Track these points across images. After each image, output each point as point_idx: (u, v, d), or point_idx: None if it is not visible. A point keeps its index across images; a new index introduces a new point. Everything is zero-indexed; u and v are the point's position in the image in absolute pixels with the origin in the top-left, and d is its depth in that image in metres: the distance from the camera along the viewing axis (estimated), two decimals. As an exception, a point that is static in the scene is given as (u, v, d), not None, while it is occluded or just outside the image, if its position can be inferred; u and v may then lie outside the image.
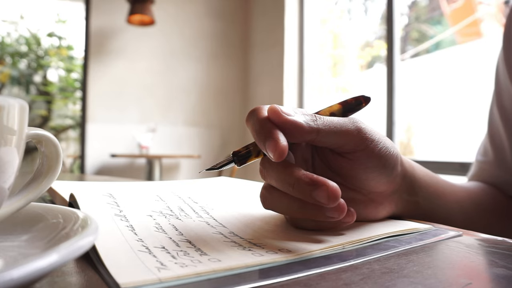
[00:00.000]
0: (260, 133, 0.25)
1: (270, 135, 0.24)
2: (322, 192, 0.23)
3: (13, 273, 0.12)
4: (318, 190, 0.23)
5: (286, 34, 2.81)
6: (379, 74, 2.32)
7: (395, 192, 0.31)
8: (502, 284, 0.19)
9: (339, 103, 0.29)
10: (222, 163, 0.28)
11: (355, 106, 0.29)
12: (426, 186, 0.35)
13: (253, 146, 0.28)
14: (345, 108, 0.29)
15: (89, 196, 0.32)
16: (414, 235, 0.28)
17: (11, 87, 4.31)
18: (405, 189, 0.32)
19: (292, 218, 0.28)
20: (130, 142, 2.95)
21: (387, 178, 0.30)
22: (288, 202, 0.26)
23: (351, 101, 0.29)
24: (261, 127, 0.25)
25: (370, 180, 0.29)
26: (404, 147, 2.32)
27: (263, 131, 0.25)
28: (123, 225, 0.25)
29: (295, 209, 0.26)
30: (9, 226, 0.22)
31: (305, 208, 0.25)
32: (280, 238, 0.25)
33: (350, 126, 0.27)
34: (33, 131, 0.22)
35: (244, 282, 0.18)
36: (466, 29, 2.20)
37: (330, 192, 0.23)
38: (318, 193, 0.23)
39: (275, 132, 0.25)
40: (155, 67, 3.05)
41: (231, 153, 0.28)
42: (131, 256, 0.20)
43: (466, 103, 1.97)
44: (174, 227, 0.26)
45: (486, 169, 0.50)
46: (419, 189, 0.34)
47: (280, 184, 0.26)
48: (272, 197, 0.27)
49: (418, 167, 0.35)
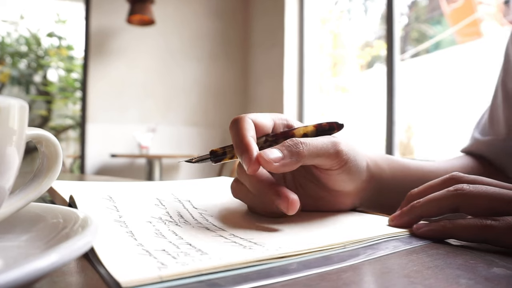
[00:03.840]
0: (238, 147, 0.29)
1: (247, 151, 0.28)
2: (284, 203, 0.28)
3: (13, 273, 0.12)
4: (281, 200, 0.28)
5: (286, 34, 2.80)
6: (379, 74, 2.32)
7: (360, 191, 0.35)
8: (502, 284, 0.19)
9: (313, 125, 0.33)
10: (199, 158, 0.33)
11: (327, 131, 0.33)
12: (392, 184, 0.39)
13: (230, 149, 0.32)
14: (318, 131, 0.33)
15: (89, 199, 0.32)
16: (413, 235, 0.28)
17: (11, 87, 4.31)
18: (370, 189, 0.37)
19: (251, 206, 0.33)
20: (130, 142, 2.95)
21: (354, 185, 0.34)
22: (253, 197, 0.32)
23: (325, 125, 0.33)
24: (240, 141, 0.29)
25: (338, 186, 0.33)
26: (404, 147, 2.33)
27: (241, 145, 0.29)
28: (123, 231, 0.25)
29: (257, 204, 0.32)
30: (9, 226, 0.22)
31: (264, 204, 0.30)
32: (282, 238, 0.25)
33: (331, 150, 0.30)
34: (33, 131, 0.22)
35: (244, 282, 0.18)
36: (466, 29, 2.20)
37: (290, 204, 0.27)
38: (280, 202, 0.28)
39: (251, 150, 0.28)
40: (155, 67, 3.05)
41: (209, 150, 0.32)
42: (131, 257, 0.20)
43: (466, 103, 1.97)
44: (174, 232, 0.26)
45: (481, 146, 0.52)
46: (384, 186, 0.38)
47: (251, 188, 0.31)
48: (241, 190, 0.33)
49: (387, 169, 0.39)
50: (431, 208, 0.29)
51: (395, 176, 0.39)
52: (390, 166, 0.39)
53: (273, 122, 0.33)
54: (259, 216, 0.32)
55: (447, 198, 0.28)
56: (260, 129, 0.32)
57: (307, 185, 0.35)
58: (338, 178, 0.33)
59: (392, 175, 0.39)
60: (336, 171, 0.32)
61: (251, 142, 0.29)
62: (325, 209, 0.35)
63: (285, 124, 0.34)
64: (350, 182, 0.33)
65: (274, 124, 0.33)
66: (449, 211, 0.28)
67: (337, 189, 0.34)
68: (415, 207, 0.29)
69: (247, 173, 0.28)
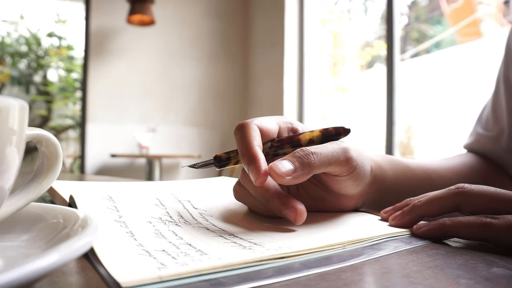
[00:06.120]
0: (244, 156, 0.28)
1: (254, 162, 0.28)
2: (292, 213, 0.27)
3: (13, 273, 0.12)
4: (288, 211, 0.27)
5: (286, 34, 2.80)
6: (379, 74, 2.32)
7: (363, 194, 0.36)
8: (502, 284, 0.19)
9: (320, 130, 0.32)
10: (203, 164, 0.32)
11: (334, 136, 0.32)
12: (394, 185, 0.39)
13: (234, 154, 0.31)
14: (324, 136, 0.32)
15: (89, 199, 0.32)
16: (414, 235, 0.28)
17: (11, 87, 4.30)
18: (373, 191, 0.37)
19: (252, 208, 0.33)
20: (130, 142, 2.95)
21: (358, 189, 0.34)
22: (255, 201, 0.31)
23: (331, 130, 0.32)
24: (246, 150, 0.28)
25: (343, 191, 0.33)
26: (404, 147, 2.33)
27: (247, 154, 0.28)
28: (123, 231, 0.25)
29: (261, 208, 0.31)
30: (9, 226, 0.22)
31: (268, 208, 0.30)
32: (282, 238, 0.25)
33: (341, 157, 0.30)
34: (33, 131, 0.22)
35: (244, 282, 0.18)
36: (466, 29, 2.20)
37: (297, 215, 0.27)
38: (288, 213, 0.27)
39: (258, 161, 0.28)
40: (155, 67, 3.05)
41: (213, 155, 0.31)
42: (131, 257, 0.20)
43: (466, 103, 1.97)
44: (174, 233, 0.26)
45: (483, 142, 0.52)
46: (386, 188, 0.38)
47: (257, 195, 0.30)
48: (244, 194, 0.32)
49: (390, 170, 0.39)
50: (432, 207, 0.29)
51: (398, 178, 0.39)
52: (392, 168, 0.39)
53: (278, 126, 0.33)
54: (260, 217, 0.32)
55: (448, 197, 0.28)
56: (265, 135, 0.31)
57: (310, 187, 0.34)
58: (344, 184, 0.32)
59: (395, 177, 0.39)
60: (344, 177, 0.32)
61: (258, 152, 0.28)
62: (326, 209, 0.35)
63: (290, 128, 0.34)
64: (355, 186, 0.33)
65: (279, 128, 0.33)
66: (450, 210, 0.28)
67: (342, 193, 0.34)
68: (416, 206, 0.29)
69: (254, 184, 0.28)
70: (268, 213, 0.31)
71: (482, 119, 0.54)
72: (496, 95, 0.52)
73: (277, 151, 0.32)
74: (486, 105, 0.54)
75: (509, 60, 0.50)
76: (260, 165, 0.27)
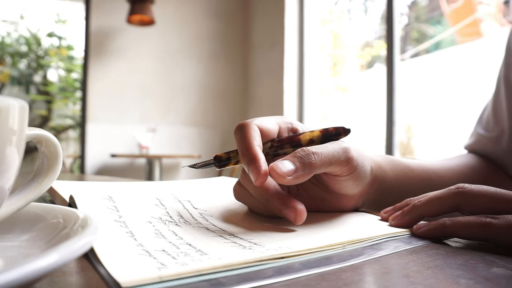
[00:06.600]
0: (244, 156, 0.29)
1: (254, 162, 0.28)
2: (292, 213, 0.27)
3: (13, 273, 0.12)
4: (288, 211, 0.27)
5: (286, 34, 2.80)
6: (379, 74, 2.32)
7: (363, 195, 0.36)
8: (502, 284, 0.19)
9: (320, 130, 0.32)
10: (203, 164, 0.32)
11: (334, 136, 0.32)
12: (394, 185, 0.39)
13: (235, 154, 0.31)
14: (324, 136, 0.32)
15: (89, 199, 0.32)
16: (414, 235, 0.28)
17: (11, 87, 4.30)
18: (373, 191, 0.37)
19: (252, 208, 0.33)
20: (130, 142, 2.95)
21: (358, 189, 0.34)
22: (256, 201, 0.31)
23: (332, 130, 0.32)
24: (246, 150, 0.29)
25: (343, 191, 0.33)
26: (404, 147, 2.33)
27: (247, 154, 0.28)
28: (123, 231, 0.25)
29: (261, 208, 0.31)
30: (9, 226, 0.22)
31: (268, 208, 0.30)
32: (282, 238, 0.25)
33: (342, 157, 0.30)
34: (33, 131, 0.22)
35: (244, 282, 0.18)
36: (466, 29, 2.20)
37: (297, 215, 0.27)
38: (288, 212, 0.27)
39: (258, 161, 0.28)
40: (155, 67, 3.05)
41: (213, 155, 0.32)
42: (131, 257, 0.20)
43: (466, 103, 1.97)
44: (174, 233, 0.26)
45: (484, 143, 0.52)
46: (386, 188, 0.38)
47: (257, 195, 0.30)
48: (244, 194, 0.32)
49: (390, 170, 0.39)
50: (432, 207, 0.29)
51: (398, 178, 0.39)
52: (393, 168, 0.39)
53: (278, 126, 0.33)
54: (260, 217, 0.32)
55: (448, 197, 0.28)
56: (265, 135, 0.31)
57: (310, 187, 0.34)
58: (344, 184, 0.33)
59: (395, 177, 0.39)
60: (344, 177, 0.32)
61: (258, 152, 0.28)
62: (326, 209, 0.35)
63: (290, 128, 0.34)
64: (355, 186, 0.33)
65: (279, 128, 0.33)
66: (450, 210, 0.28)
67: (342, 193, 0.34)
68: (416, 206, 0.29)
69: (254, 184, 0.28)
70: (268, 213, 0.31)
71: (483, 119, 0.54)
72: (496, 95, 0.52)
73: (277, 151, 0.32)
74: (487, 105, 0.54)
75: (509, 61, 0.50)
76: (260, 165, 0.27)
